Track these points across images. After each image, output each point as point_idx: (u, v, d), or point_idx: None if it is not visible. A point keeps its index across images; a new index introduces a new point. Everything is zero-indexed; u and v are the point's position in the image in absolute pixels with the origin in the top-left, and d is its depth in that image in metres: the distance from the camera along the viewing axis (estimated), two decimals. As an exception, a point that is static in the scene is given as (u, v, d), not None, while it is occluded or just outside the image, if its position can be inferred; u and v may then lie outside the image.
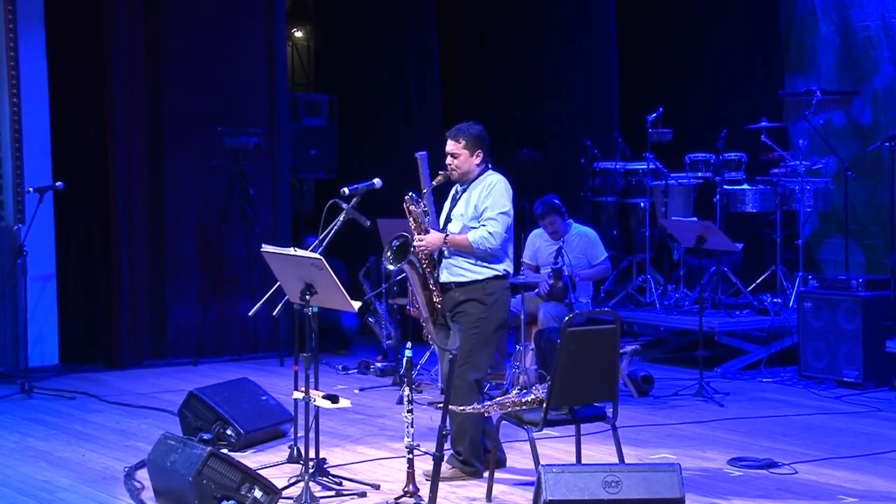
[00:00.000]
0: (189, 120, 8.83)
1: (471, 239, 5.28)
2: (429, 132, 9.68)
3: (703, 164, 8.96)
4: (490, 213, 5.29)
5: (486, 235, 5.27)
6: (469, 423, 5.32)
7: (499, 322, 5.40)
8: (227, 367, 8.63)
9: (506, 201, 5.33)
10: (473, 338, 5.29)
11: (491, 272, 5.33)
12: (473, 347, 5.30)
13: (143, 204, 8.69)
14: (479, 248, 5.27)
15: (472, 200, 5.36)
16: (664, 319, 8.62)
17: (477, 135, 5.39)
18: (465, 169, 5.38)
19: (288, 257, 5.11)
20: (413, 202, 5.32)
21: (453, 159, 5.38)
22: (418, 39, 10.08)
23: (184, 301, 8.85)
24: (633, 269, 9.28)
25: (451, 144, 5.38)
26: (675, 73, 10.42)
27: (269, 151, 9.06)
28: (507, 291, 5.44)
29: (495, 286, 5.34)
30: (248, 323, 8.99)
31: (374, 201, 5.93)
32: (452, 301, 5.34)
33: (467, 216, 5.35)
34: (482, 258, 5.31)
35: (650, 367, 8.18)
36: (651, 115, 8.87)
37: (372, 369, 8.34)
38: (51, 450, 6.14)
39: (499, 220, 5.29)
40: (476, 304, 5.31)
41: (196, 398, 6.11)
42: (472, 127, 5.41)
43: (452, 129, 5.42)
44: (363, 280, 8.63)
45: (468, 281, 5.32)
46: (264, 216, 9.05)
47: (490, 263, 5.33)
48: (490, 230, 5.27)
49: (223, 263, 8.96)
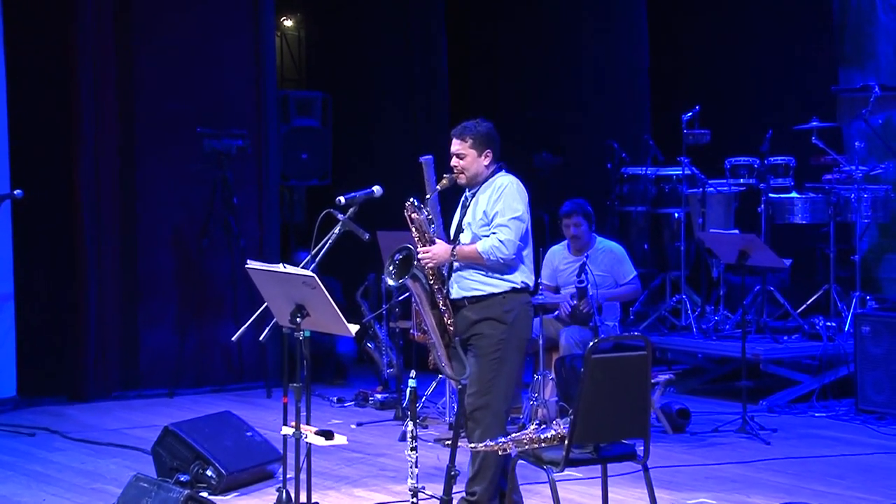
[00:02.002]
0: (165, 121, 8.86)
1: (480, 250, 5.28)
2: (435, 134, 9.71)
3: (745, 170, 8.97)
4: (501, 219, 5.29)
5: (497, 245, 5.27)
6: (493, 461, 5.32)
7: (521, 342, 5.39)
8: (208, 400, 8.63)
9: (518, 205, 5.33)
10: (494, 363, 5.28)
11: (508, 285, 5.33)
12: (496, 374, 5.29)
13: (113, 215, 8.72)
14: (490, 259, 5.27)
15: (480, 206, 5.37)
16: (702, 345, 8.61)
17: (485, 133, 5.40)
18: (472, 171, 5.40)
19: (276, 275, 5.12)
20: (415, 209, 5.32)
21: (459, 160, 5.39)
22: (423, 30, 10.12)
23: (159, 324, 8.86)
24: (666, 288, 9.27)
25: (457, 144, 5.40)
26: (714, 67, 10.43)
27: (255, 156, 9.08)
28: (529, 307, 5.43)
29: (514, 301, 5.33)
30: (232, 349, 9.00)
31: (374, 212, 5.94)
32: (466, 321, 5.34)
33: (476, 223, 5.36)
34: (497, 270, 5.31)
35: (686, 399, 8.17)
36: (686, 115, 8.87)
37: (371, 401, 8.34)
38: (8, 494, 6.14)
39: (511, 226, 5.28)
40: (494, 324, 5.30)
41: (172, 434, 6.12)
42: (479, 124, 5.42)
43: (458, 127, 5.44)
44: (361, 301, 8.64)
45: (483, 296, 5.31)
46: (250, 228, 9.06)
47: (505, 275, 5.33)
48: (501, 238, 5.26)
49: (203, 282, 8.97)
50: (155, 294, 8.87)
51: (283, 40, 12.22)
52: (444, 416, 7.67)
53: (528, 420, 7.11)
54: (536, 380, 7.18)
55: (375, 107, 10.34)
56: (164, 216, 8.89)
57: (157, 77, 8.86)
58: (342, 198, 5.34)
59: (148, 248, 8.85)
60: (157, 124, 8.85)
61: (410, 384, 5.04)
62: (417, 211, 5.32)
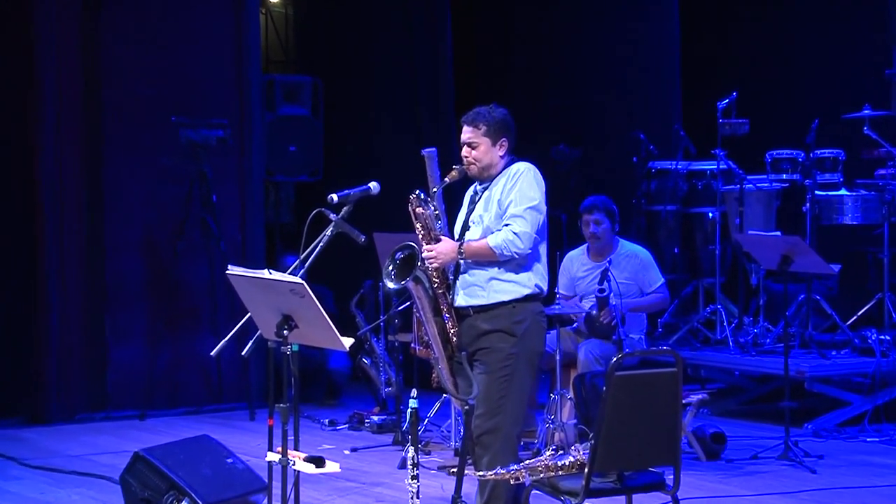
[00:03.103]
0: (136, 110, 8.88)
1: (492, 244, 5.28)
2: (439, 124, 9.71)
3: (788, 164, 8.97)
4: (515, 209, 5.29)
5: (511, 238, 5.26)
6: (503, 491, 5.32)
7: (533, 357, 5.40)
8: (184, 422, 8.65)
9: (535, 193, 5.33)
10: (504, 381, 5.29)
11: (519, 290, 5.33)
12: (505, 393, 5.30)
13: (76, 216, 8.74)
14: (504, 254, 5.27)
15: (493, 197, 5.37)
16: (739, 361, 8.61)
17: (500, 120, 5.41)
18: (485, 162, 5.40)
19: (261, 282, 5.13)
20: (421, 203, 5.32)
21: (471, 150, 5.40)
22: (426, 7, 10.12)
23: (128, 338, 8.88)
24: (698, 296, 9.28)
25: (469, 132, 5.41)
26: (754, 49, 10.43)
27: (236, 148, 9.10)
28: (542, 316, 5.44)
29: (525, 311, 5.34)
30: (211, 366, 9.01)
31: (370, 211, 5.96)
32: (472, 332, 5.35)
33: (490, 216, 5.36)
34: (511, 269, 5.31)
35: (722, 422, 8.17)
36: (722, 102, 8.87)
37: (367, 424, 8.36)
38: (-42, 527, 6.17)
39: (527, 216, 5.28)
40: (503, 337, 5.31)
41: (143, 461, 6.13)
42: (493, 110, 5.43)
43: (470, 113, 5.45)
44: (356, 311, 8.64)
45: (489, 304, 5.32)
46: (231, 230, 9.09)
47: (519, 274, 5.33)
48: (516, 230, 5.26)
49: (179, 290, 8.99)
50: (124, 304, 8.88)
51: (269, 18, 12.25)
52: (449, 441, 7.68)
53: (544, 445, 7.12)
54: (553, 400, 7.18)
55: (372, 93, 10.35)
56: (134, 216, 8.91)
57: (126, 60, 8.88)
58: (335, 195, 5.34)
59: (116, 252, 8.86)
60: (127, 113, 8.86)
61: (411, 405, 5.05)
62: (423, 205, 5.32)
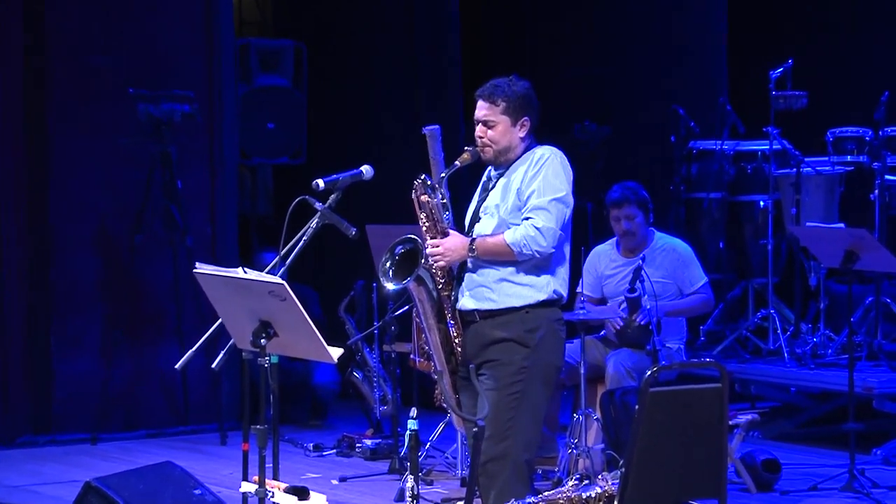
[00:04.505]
0: (88, 81, 8.88)
1: (509, 241, 5.28)
2: (443, 98, 9.66)
3: (853, 144, 8.97)
4: (538, 200, 5.29)
5: (532, 234, 5.26)
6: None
7: (548, 371, 5.40)
8: (143, 447, 8.65)
9: (562, 183, 5.34)
10: (513, 399, 5.30)
11: (532, 296, 5.33)
12: (516, 413, 5.31)
13: (17, 206, 8.75)
14: (523, 252, 5.27)
15: (512, 186, 5.38)
16: (796, 376, 8.62)
17: (522, 95, 5.42)
18: (503, 144, 5.41)
19: (234, 282, 5.12)
20: (427, 190, 5.33)
21: (486, 129, 5.41)
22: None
23: (78, 350, 8.88)
24: (748, 299, 9.28)
25: (485, 108, 5.41)
26: (812, 9, 10.42)
27: (205, 125, 9.10)
28: (560, 325, 5.46)
29: (540, 317, 5.35)
30: (175, 381, 9.01)
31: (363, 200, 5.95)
32: (478, 341, 5.35)
33: (506, 208, 5.36)
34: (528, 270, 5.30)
35: (775, 447, 8.16)
36: (776, 71, 8.88)
37: (359, 449, 8.36)
38: None
39: (551, 209, 5.29)
40: (514, 347, 5.32)
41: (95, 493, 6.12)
42: (514, 84, 5.44)
43: (486, 85, 5.45)
44: (345, 316, 8.66)
45: (499, 309, 5.32)
46: (199, 222, 9.09)
47: (533, 282, 5.32)
48: (538, 224, 5.26)
49: (137, 293, 8.99)
50: (73, 309, 8.88)
51: (243, -26, 12.25)
52: (454, 469, 7.67)
53: (566, 474, 7.10)
54: (576, 421, 7.17)
55: (364, 61, 10.34)
56: (85, 206, 8.90)
57: (77, 23, 8.87)
58: (321, 181, 5.33)
59: (64, 248, 8.86)
60: (78, 86, 8.86)
61: (411, 426, 5.05)
62: (429, 192, 5.33)
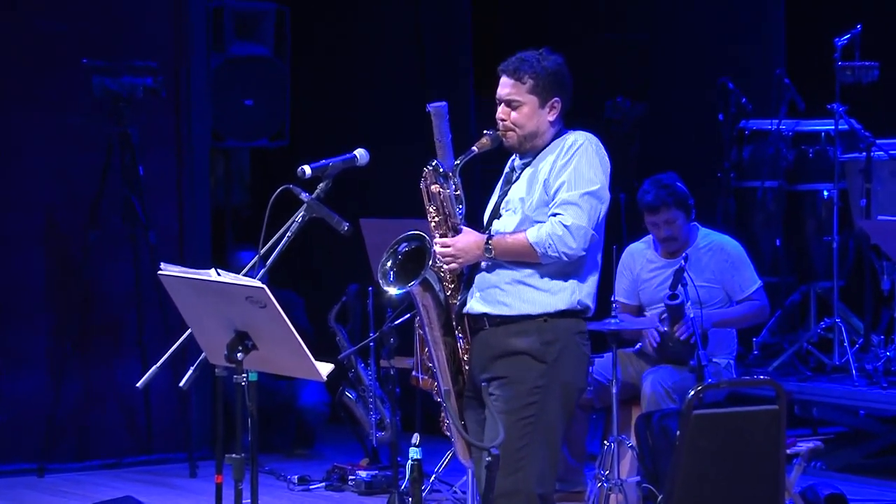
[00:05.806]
0: (38, 51, 8.90)
1: (532, 240, 5.30)
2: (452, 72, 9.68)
3: (932, 125, 8.99)
4: (568, 194, 5.30)
5: (560, 232, 5.27)
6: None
7: (569, 391, 5.41)
8: (99, 479, 8.69)
9: (596, 175, 5.35)
10: (527, 424, 5.33)
11: (550, 303, 5.35)
12: (529, 441, 5.33)
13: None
14: (549, 254, 5.28)
15: (539, 177, 5.40)
16: (865, 396, 8.64)
17: (553, 72, 5.45)
18: (528, 129, 5.43)
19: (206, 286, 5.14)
20: (438, 178, 5.35)
21: (510, 111, 5.43)
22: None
23: (22, 366, 8.91)
24: (809, 307, 9.31)
25: (508, 85, 5.43)
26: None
27: (171, 101, 9.14)
28: (583, 338, 5.47)
29: (560, 329, 5.37)
30: (136, 402, 9.03)
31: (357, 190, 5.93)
32: (486, 353, 5.38)
33: (532, 202, 5.38)
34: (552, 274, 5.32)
35: (841, 479, 8.20)
36: (842, 39, 8.90)
37: (352, 482, 8.39)
38: None
39: (583, 205, 5.30)
40: (528, 362, 5.34)
41: (45, 533, 6.13)
42: (544, 58, 5.46)
43: (511, 59, 5.47)
44: (336, 326, 8.69)
45: (512, 316, 5.35)
46: (164, 215, 9.12)
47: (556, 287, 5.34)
48: (566, 222, 5.27)
49: (92, 298, 9.02)
50: (17, 318, 8.92)
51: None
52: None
53: (595, 510, 7.11)
54: (607, 449, 7.19)
55: (357, 26, 10.35)
56: (31, 196, 8.94)
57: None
58: (307, 167, 5.36)
59: (6, 246, 8.90)
60: (24, 55, 8.89)
61: (412, 455, 5.12)
62: (441, 182, 5.34)
